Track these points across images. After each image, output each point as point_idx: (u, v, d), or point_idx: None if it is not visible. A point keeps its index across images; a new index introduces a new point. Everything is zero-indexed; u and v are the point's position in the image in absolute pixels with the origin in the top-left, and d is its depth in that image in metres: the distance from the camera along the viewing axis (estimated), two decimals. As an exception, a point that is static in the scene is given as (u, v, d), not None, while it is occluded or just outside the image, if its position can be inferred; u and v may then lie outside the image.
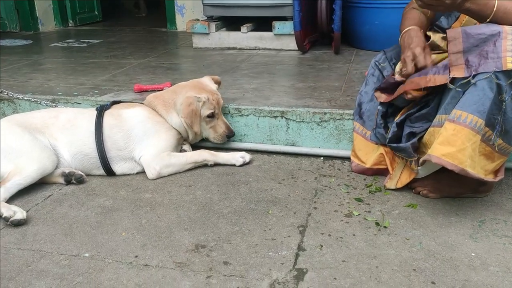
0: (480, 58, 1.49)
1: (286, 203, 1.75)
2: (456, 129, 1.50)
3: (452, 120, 1.51)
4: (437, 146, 1.53)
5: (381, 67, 1.99)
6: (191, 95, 2.04)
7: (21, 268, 1.41)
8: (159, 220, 1.65)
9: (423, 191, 1.75)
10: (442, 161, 1.50)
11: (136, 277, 1.36)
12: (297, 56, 3.35)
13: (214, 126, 2.12)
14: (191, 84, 2.15)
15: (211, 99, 2.07)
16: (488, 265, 1.38)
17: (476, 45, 1.50)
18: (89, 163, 1.98)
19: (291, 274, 1.36)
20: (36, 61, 3.42)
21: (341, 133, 2.12)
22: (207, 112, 2.07)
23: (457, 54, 1.53)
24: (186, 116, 2.02)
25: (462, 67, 1.51)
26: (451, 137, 1.50)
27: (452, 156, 1.49)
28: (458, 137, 1.49)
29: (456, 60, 1.53)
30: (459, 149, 1.48)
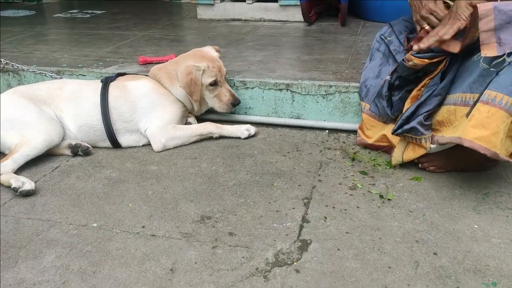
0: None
1: (290, 176, 1.76)
2: (490, 111, 1.43)
3: (486, 102, 1.44)
4: (469, 129, 1.46)
5: (387, 41, 1.95)
6: (191, 64, 2.02)
7: (31, 237, 1.44)
8: (165, 192, 1.67)
9: (429, 167, 1.75)
10: (474, 145, 1.45)
11: (143, 247, 1.39)
12: (303, 28, 3.31)
13: (218, 94, 2.09)
14: (192, 54, 2.13)
15: (211, 67, 2.04)
16: (491, 236, 1.40)
17: (508, 21, 1.43)
18: (95, 135, 1.99)
19: (296, 245, 1.38)
20: (39, 32, 3.40)
21: (346, 106, 2.11)
22: (209, 80, 2.04)
23: (488, 32, 1.46)
24: (185, 85, 2.00)
25: (494, 45, 1.45)
26: (486, 120, 1.43)
27: (486, 140, 1.43)
28: (493, 120, 1.42)
29: (488, 38, 1.46)
30: (493, 132, 1.42)
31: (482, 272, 1.26)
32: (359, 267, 1.29)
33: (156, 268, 1.30)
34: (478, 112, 1.45)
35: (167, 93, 2.05)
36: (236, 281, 1.25)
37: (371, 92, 1.94)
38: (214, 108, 2.14)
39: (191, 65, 2.01)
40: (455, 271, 1.27)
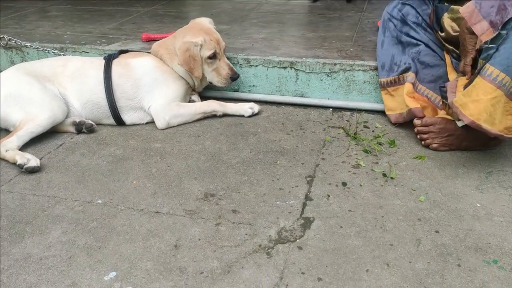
0: (501, 13, 1.49)
1: (294, 154, 1.76)
2: (477, 81, 1.50)
3: (480, 74, 1.51)
4: (459, 96, 1.55)
5: (402, 14, 1.94)
6: (188, 40, 1.98)
7: (37, 213, 1.46)
8: (169, 169, 1.68)
9: (432, 144, 1.75)
10: (457, 110, 1.53)
11: (147, 223, 1.41)
12: (308, 4, 3.25)
13: (217, 68, 2.05)
14: (189, 27, 2.09)
15: (208, 40, 1.99)
16: (493, 215, 1.40)
17: (492, 6, 1.52)
18: (99, 112, 1.99)
19: (298, 222, 1.40)
20: (42, 8, 3.36)
21: (350, 84, 2.09)
22: (207, 53, 2.00)
23: (481, 23, 1.55)
24: (183, 62, 1.98)
25: (490, 30, 1.53)
26: (471, 88, 1.51)
27: (464, 107, 1.51)
28: (475, 89, 1.50)
29: (482, 28, 1.55)
30: (472, 100, 1.49)
31: (484, 250, 1.27)
32: (361, 245, 1.30)
33: (160, 244, 1.32)
34: (473, 82, 1.53)
35: (169, 70, 2.04)
36: (240, 257, 1.27)
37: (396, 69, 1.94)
38: (213, 83, 2.11)
39: (188, 41, 1.97)
40: (457, 248, 1.28)
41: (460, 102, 1.53)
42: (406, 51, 1.92)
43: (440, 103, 1.82)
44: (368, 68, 2.05)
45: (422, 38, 1.91)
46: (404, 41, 1.92)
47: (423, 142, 1.77)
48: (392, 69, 1.95)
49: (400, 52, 1.93)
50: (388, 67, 1.96)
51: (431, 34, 1.93)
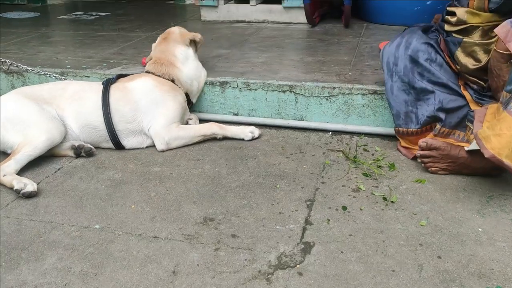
0: None
1: (294, 178, 1.75)
2: (502, 115, 1.48)
3: (507, 109, 1.48)
4: (484, 129, 1.51)
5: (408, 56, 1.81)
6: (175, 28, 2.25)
7: (33, 239, 1.44)
8: (168, 193, 1.67)
9: (432, 168, 1.73)
10: (480, 143, 1.49)
11: (145, 249, 1.39)
12: (307, 29, 3.30)
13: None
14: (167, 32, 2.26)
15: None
16: (495, 240, 1.38)
17: None
18: (97, 136, 1.99)
19: (298, 247, 1.37)
20: (44, 33, 3.41)
21: (349, 108, 2.10)
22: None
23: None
24: (192, 35, 2.23)
25: None
26: (495, 122, 1.49)
27: (487, 139, 1.47)
28: (500, 123, 1.47)
29: None
30: (495, 134, 1.46)
31: (487, 276, 1.25)
32: (363, 270, 1.28)
33: (158, 270, 1.30)
34: (498, 115, 1.50)
35: (168, 89, 2.04)
36: (239, 283, 1.24)
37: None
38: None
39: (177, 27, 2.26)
40: (460, 275, 1.25)
41: (483, 135, 1.49)
42: (421, 97, 1.80)
43: (466, 138, 1.76)
44: (367, 92, 2.06)
45: (440, 79, 1.78)
46: (417, 87, 1.79)
47: (423, 164, 1.76)
48: (410, 119, 1.84)
49: (414, 99, 1.81)
50: (404, 116, 1.84)
51: (447, 70, 1.81)
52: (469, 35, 1.74)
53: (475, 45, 1.72)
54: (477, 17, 1.71)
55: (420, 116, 1.82)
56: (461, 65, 1.77)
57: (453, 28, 1.79)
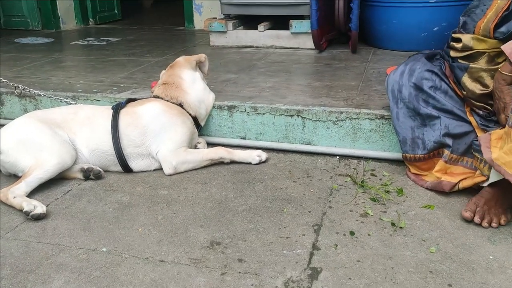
0: None
1: (301, 202, 1.75)
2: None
3: None
4: (500, 154, 1.48)
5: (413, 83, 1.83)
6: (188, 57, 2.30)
7: (40, 261, 1.44)
8: (175, 217, 1.67)
9: (497, 222, 1.57)
10: (501, 170, 1.47)
11: (152, 273, 1.38)
12: (314, 54, 3.34)
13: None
14: (174, 63, 2.31)
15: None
16: (506, 268, 1.36)
17: None
18: (106, 160, 2.01)
19: (306, 273, 1.36)
20: (57, 58, 3.49)
21: (357, 133, 2.11)
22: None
23: None
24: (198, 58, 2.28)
25: None
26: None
27: (508, 165, 1.45)
28: None
29: None
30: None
31: (499, 304, 1.22)
32: (371, 297, 1.26)
33: (164, 294, 1.29)
34: (508, 136, 1.47)
35: (177, 113, 2.07)
36: (245, 309, 1.23)
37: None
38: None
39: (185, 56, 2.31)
40: (470, 303, 1.23)
41: (502, 161, 1.47)
42: (427, 123, 1.80)
43: (474, 165, 1.74)
44: (374, 117, 2.06)
45: (445, 105, 1.78)
46: (423, 113, 1.80)
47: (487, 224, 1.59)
48: (416, 145, 1.84)
49: (419, 124, 1.82)
50: (410, 142, 1.85)
51: (452, 96, 1.81)
52: (475, 61, 1.75)
53: (482, 71, 1.72)
54: (483, 43, 1.72)
55: (427, 141, 1.81)
56: (468, 91, 1.77)
57: (459, 54, 1.80)
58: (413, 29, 3.20)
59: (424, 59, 1.89)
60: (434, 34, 3.10)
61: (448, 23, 3.04)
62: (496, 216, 1.57)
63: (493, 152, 1.53)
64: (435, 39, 3.08)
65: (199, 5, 4.72)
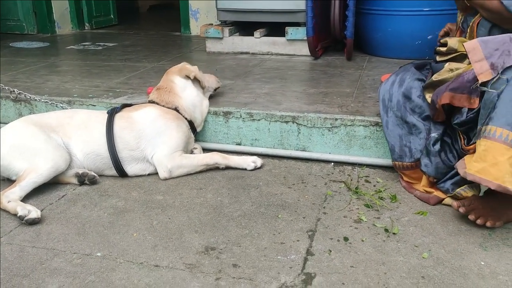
0: (503, 57, 1.49)
1: (295, 208, 1.76)
2: (486, 144, 1.47)
3: (484, 136, 1.49)
4: (471, 163, 1.51)
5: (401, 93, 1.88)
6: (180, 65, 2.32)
7: (35, 266, 1.44)
8: (170, 222, 1.68)
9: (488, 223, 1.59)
10: (475, 178, 1.48)
11: (146, 277, 1.38)
12: (310, 61, 3.37)
13: (207, 77, 2.36)
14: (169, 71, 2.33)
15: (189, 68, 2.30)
16: (498, 274, 1.38)
17: (496, 48, 1.51)
18: (101, 163, 2.01)
19: (300, 278, 1.37)
20: (52, 63, 3.49)
21: (351, 139, 2.13)
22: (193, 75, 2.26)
23: (481, 62, 1.53)
24: (194, 70, 2.27)
25: (489, 72, 1.51)
26: (482, 153, 1.48)
27: (485, 172, 1.46)
28: (489, 152, 1.46)
29: (481, 67, 1.53)
30: (491, 164, 1.45)
31: (490, 310, 1.24)
32: (364, 303, 1.27)
33: (158, 299, 1.29)
34: (478, 146, 1.51)
35: (172, 117, 2.08)
36: (239, 314, 1.24)
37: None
38: (213, 86, 2.38)
39: (183, 64, 2.32)
40: (462, 308, 1.24)
41: (476, 169, 1.48)
42: (413, 131, 1.83)
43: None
44: (369, 124, 2.09)
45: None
46: (409, 122, 1.84)
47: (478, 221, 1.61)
48: (404, 153, 1.86)
49: (407, 133, 1.85)
50: (398, 150, 1.87)
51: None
52: (456, 60, 1.79)
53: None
54: None
55: (413, 150, 1.84)
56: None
57: (444, 57, 1.84)
58: (408, 37, 3.24)
59: (414, 69, 1.94)
60: (428, 42, 3.14)
61: (442, 32, 3.08)
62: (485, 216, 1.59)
63: (466, 166, 1.53)
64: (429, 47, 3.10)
65: (195, 11, 4.74)
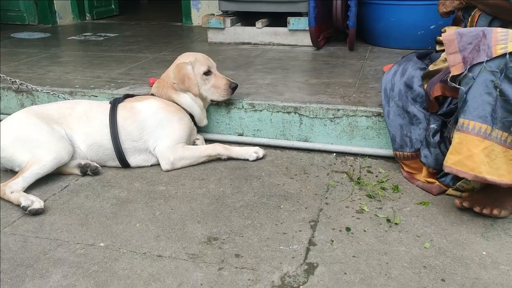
0: (474, 53, 1.51)
1: (298, 198, 1.76)
2: (460, 137, 1.51)
3: (458, 129, 1.53)
4: (448, 156, 1.55)
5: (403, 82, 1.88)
6: (179, 62, 2.14)
7: (38, 256, 1.45)
8: (173, 212, 1.68)
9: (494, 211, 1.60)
10: (453, 170, 1.53)
11: (149, 267, 1.39)
12: (312, 52, 3.35)
13: (214, 83, 2.15)
14: (177, 58, 2.22)
15: (199, 58, 2.15)
16: (499, 263, 1.38)
17: (470, 42, 1.53)
18: (104, 154, 2.02)
19: (302, 268, 1.38)
20: (54, 54, 3.48)
21: (354, 130, 2.12)
22: (202, 69, 2.13)
23: (455, 54, 1.55)
24: (179, 81, 2.09)
25: (460, 65, 1.54)
26: (457, 146, 1.52)
27: (461, 164, 1.50)
28: (463, 145, 1.50)
29: (454, 59, 1.55)
30: (466, 156, 1.49)
31: (491, 299, 1.24)
32: (366, 292, 1.28)
33: (161, 289, 1.30)
34: (453, 139, 1.55)
35: (174, 110, 2.08)
36: (242, 304, 1.24)
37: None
38: (214, 99, 2.18)
39: (180, 62, 2.13)
40: (464, 298, 1.25)
41: (452, 162, 1.52)
42: (414, 121, 1.84)
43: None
44: (371, 114, 2.08)
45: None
46: (410, 111, 1.84)
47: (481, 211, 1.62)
48: (405, 143, 1.87)
49: (407, 123, 1.86)
50: (399, 140, 1.88)
51: None
52: None
53: None
54: None
55: (414, 140, 1.84)
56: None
57: (442, 47, 1.83)
58: (410, 27, 3.22)
59: (416, 58, 1.95)
60: (431, 32, 3.12)
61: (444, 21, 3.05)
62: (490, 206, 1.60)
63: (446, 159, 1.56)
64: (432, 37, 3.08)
65: (197, 1, 4.71)
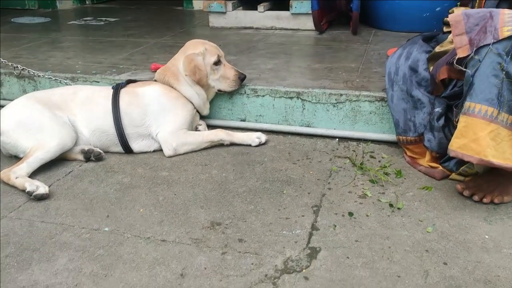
0: (480, 34, 1.49)
1: (300, 183, 1.77)
2: (466, 120, 1.50)
3: (464, 113, 1.52)
4: (453, 140, 1.54)
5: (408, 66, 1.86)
6: (189, 52, 2.11)
7: (44, 240, 1.47)
8: (176, 198, 1.69)
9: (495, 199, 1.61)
10: (458, 154, 1.52)
11: (154, 252, 1.41)
12: (314, 36, 3.32)
13: (223, 73, 2.15)
14: (186, 46, 2.18)
15: (209, 48, 2.13)
16: (502, 247, 1.39)
17: (477, 24, 1.51)
18: (107, 140, 2.02)
19: (305, 252, 1.39)
20: (55, 39, 3.46)
21: (356, 115, 2.12)
22: (212, 59, 2.12)
23: (461, 36, 1.53)
24: (190, 73, 2.07)
25: (467, 47, 1.52)
26: (463, 129, 1.51)
27: (467, 148, 1.49)
28: (469, 128, 1.49)
29: (461, 41, 1.54)
30: (471, 139, 1.48)
31: (493, 282, 1.25)
32: (368, 276, 1.29)
33: (166, 273, 1.32)
34: (459, 123, 1.54)
35: (177, 96, 2.07)
36: (245, 287, 1.26)
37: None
38: (222, 89, 2.18)
39: (190, 53, 2.10)
40: (465, 281, 1.26)
41: (457, 145, 1.52)
42: (418, 106, 1.82)
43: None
44: (374, 99, 2.07)
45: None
46: (414, 96, 1.82)
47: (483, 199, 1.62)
48: (408, 127, 1.86)
49: (411, 107, 1.84)
50: (403, 124, 1.87)
51: None
52: None
53: None
54: None
55: (418, 124, 1.84)
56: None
57: (449, 28, 1.81)
58: (416, 9, 3.17)
59: (421, 41, 1.91)
60: (436, 14, 3.08)
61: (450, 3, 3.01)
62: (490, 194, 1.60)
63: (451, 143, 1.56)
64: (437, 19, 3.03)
65: (198, -15, 4.66)
